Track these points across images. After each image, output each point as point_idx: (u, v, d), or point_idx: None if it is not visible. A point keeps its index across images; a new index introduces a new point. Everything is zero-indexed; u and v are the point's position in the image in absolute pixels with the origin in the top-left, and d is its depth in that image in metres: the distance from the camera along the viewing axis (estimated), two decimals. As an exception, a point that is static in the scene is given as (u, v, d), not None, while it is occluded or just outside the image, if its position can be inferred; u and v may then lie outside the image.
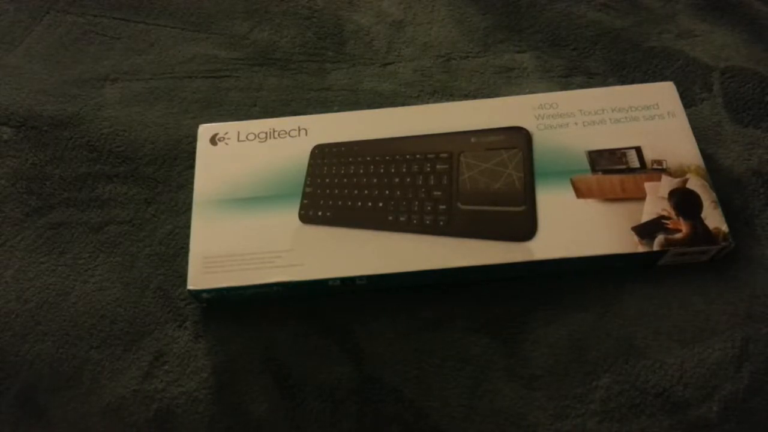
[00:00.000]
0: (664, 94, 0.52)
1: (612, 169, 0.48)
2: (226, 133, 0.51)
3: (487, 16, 0.62)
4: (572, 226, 0.46)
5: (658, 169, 0.48)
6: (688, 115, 0.55)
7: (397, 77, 0.59)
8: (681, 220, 0.46)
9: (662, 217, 0.46)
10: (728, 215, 0.50)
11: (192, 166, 0.54)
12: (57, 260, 0.50)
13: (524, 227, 0.46)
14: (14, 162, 0.54)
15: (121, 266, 0.50)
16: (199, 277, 0.45)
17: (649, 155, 0.49)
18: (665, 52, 0.59)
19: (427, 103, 0.57)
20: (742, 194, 0.51)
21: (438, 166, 0.49)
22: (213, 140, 0.51)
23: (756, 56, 0.58)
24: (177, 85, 0.58)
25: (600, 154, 0.49)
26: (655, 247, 0.45)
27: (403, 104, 0.57)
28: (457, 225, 0.47)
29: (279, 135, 0.51)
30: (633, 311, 0.46)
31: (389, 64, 0.60)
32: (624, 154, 0.49)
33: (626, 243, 0.45)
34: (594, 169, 0.48)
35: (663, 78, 0.57)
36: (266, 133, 0.51)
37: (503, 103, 0.52)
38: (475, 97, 0.57)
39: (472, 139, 0.50)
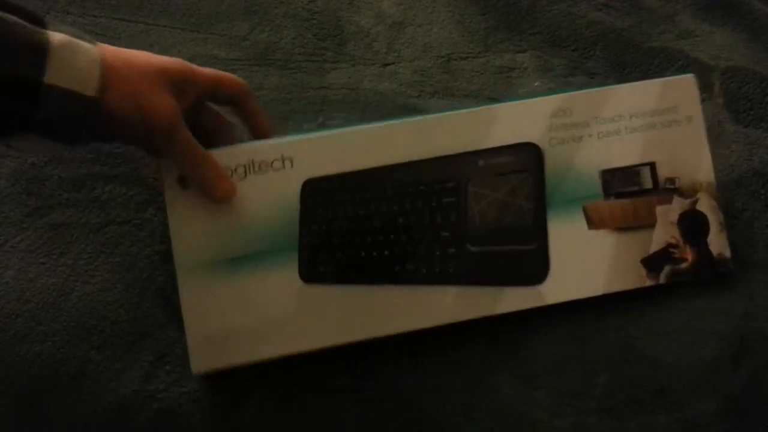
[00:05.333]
0: (683, 91, 0.48)
1: (625, 192, 0.47)
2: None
3: (487, 17, 0.62)
4: (583, 263, 0.45)
5: (670, 189, 0.47)
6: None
7: (398, 77, 0.59)
8: (687, 247, 0.46)
9: (670, 245, 0.46)
10: (728, 215, 0.50)
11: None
12: (57, 261, 0.50)
13: (536, 269, 0.44)
14: (14, 162, 0.54)
15: (122, 267, 0.50)
16: (202, 359, 0.42)
17: (662, 172, 0.47)
18: (666, 52, 0.59)
19: (428, 102, 0.57)
20: (742, 195, 0.51)
21: (445, 199, 0.44)
22: (183, 180, 0.43)
23: (756, 56, 0.58)
24: (177, 86, 0.58)
25: (613, 175, 0.46)
26: (662, 280, 0.46)
27: (403, 104, 0.57)
28: (467, 271, 0.44)
29: (260, 168, 0.43)
30: (632, 311, 0.46)
31: (389, 64, 0.60)
32: (638, 173, 0.47)
33: (635, 278, 0.45)
34: (606, 193, 0.46)
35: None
36: (245, 167, 0.43)
37: (513, 110, 0.46)
38: (476, 98, 0.57)
39: (480, 162, 0.45)
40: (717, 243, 0.47)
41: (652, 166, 0.47)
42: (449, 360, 0.45)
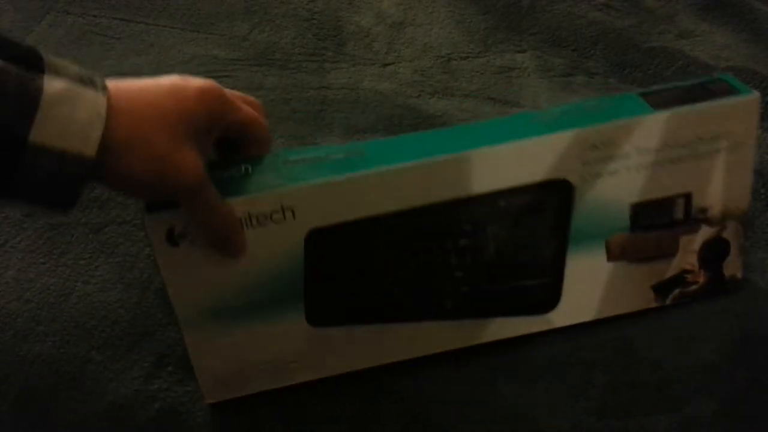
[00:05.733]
0: (743, 115, 0.41)
1: (653, 224, 0.43)
2: (186, 227, 0.38)
3: (487, 17, 0.62)
4: (595, 290, 0.44)
5: (700, 219, 0.43)
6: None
7: (398, 77, 0.59)
8: (702, 272, 0.45)
9: (685, 271, 0.45)
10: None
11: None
12: (57, 261, 0.50)
13: (547, 301, 0.44)
14: (14, 162, 0.54)
15: (122, 267, 0.50)
16: (214, 391, 0.42)
17: (697, 201, 0.42)
18: (666, 52, 0.59)
19: (428, 102, 0.57)
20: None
21: (461, 241, 0.41)
22: (171, 238, 0.38)
23: (756, 56, 0.58)
24: (177, 86, 0.58)
25: (644, 207, 0.42)
26: (668, 302, 0.45)
27: (403, 104, 0.57)
28: (479, 307, 0.43)
29: (259, 221, 0.38)
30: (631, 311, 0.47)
31: (389, 64, 0.60)
32: (671, 204, 0.43)
33: (642, 301, 0.45)
34: (634, 226, 0.42)
35: (663, 78, 0.57)
36: (242, 221, 0.38)
37: (546, 145, 0.39)
38: (476, 98, 0.57)
39: (501, 203, 0.40)
40: (732, 265, 0.45)
41: (687, 197, 0.42)
42: (447, 360, 0.45)
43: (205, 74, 0.58)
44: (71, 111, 0.31)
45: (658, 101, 0.41)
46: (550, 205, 0.41)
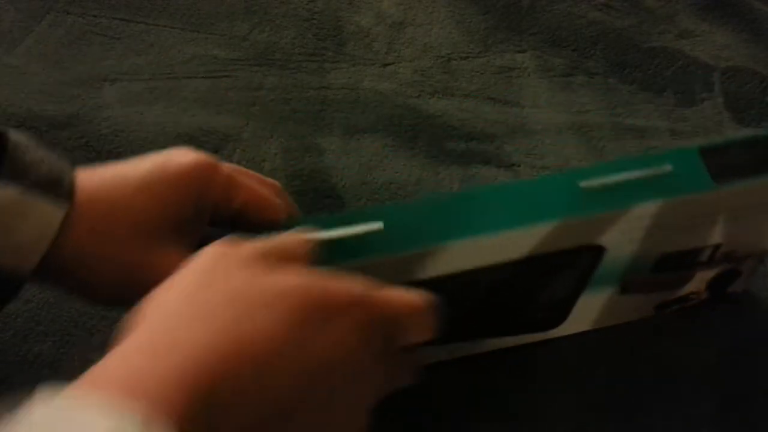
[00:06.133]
0: None
1: (675, 268, 0.41)
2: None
3: (487, 17, 0.62)
4: (597, 310, 0.43)
5: (722, 260, 0.41)
6: (690, 116, 0.55)
7: (398, 77, 0.59)
8: (707, 292, 0.44)
9: (691, 293, 0.44)
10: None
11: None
12: (57, 261, 0.50)
13: (552, 324, 0.43)
14: (14, 162, 0.54)
15: (122, 267, 0.49)
16: None
17: (724, 248, 0.40)
18: (666, 52, 0.59)
19: (428, 102, 0.57)
20: (742, 194, 0.51)
21: (498, 287, 0.40)
22: None
23: (756, 56, 0.58)
24: (176, 86, 0.58)
25: (672, 256, 0.40)
26: (666, 313, 0.45)
27: (403, 104, 0.57)
28: (490, 330, 0.42)
29: None
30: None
31: (389, 64, 0.60)
32: (698, 253, 0.40)
33: (641, 314, 0.45)
34: (656, 270, 0.40)
35: (663, 78, 0.57)
36: None
37: (593, 222, 0.36)
38: (476, 98, 0.57)
39: (536, 263, 0.38)
40: (738, 284, 0.45)
41: (716, 246, 0.40)
42: (448, 360, 0.45)
43: (205, 74, 0.59)
44: (16, 223, 0.27)
45: (720, 169, 0.37)
46: (579, 264, 0.39)
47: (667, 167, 0.36)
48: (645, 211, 0.36)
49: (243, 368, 0.22)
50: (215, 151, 0.54)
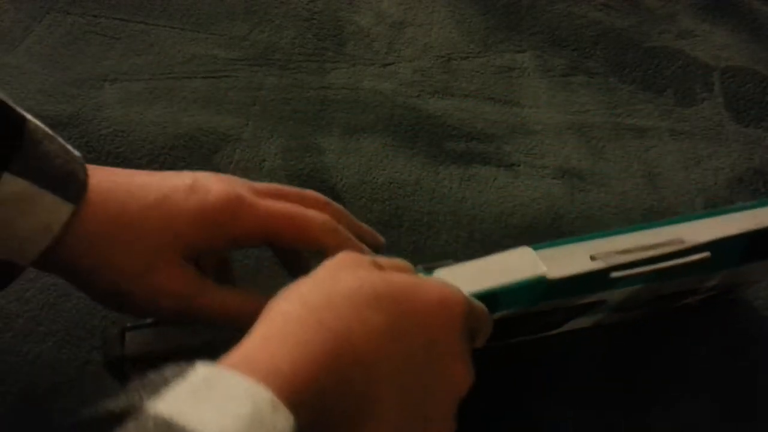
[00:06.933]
0: None
1: (668, 301, 0.42)
2: None
3: (487, 17, 0.62)
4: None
5: (718, 290, 0.42)
6: (689, 116, 0.55)
7: (398, 77, 0.59)
8: (708, 294, 0.44)
9: (686, 303, 0.44)
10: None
11: (191, 165, 0.53)
12: (57, 261, 0.50)
13: (553, 326, 0.43)
14: (14, 162, 0.54)
15: (122, 267, 0.49)
16: None
17: (721, 286, 0.41)
18: (665, 51, 0.59)
19: (428, 102, 0.57)
20: (743, 193, 0.51)
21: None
22: None
23: (756, 56, 0.58)
24: (176, 86, 0.58)
25: (666, 296, 0.41)
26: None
27: (403, 104, 0.57)
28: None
29: None
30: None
31: (389, 64, 0.60)
32: (694, 291, 0.41)
33: (639, 316, 0.45)
34: (647, 304, 0.42)
35: (663, 78, 0.57)
36: None
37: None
38: (476, 98, 0.57)
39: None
40: (739, 291, 0.45)
41: (713, 287, 0.41)
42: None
43: (205, 74, 0.59)
44: (19, 216, 0.26)
45: (754, 252, 0.36)
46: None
47: (752, 217, 0.34)
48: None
49: (355, 358, 0.23)
50: (215, 151, 0.54)
